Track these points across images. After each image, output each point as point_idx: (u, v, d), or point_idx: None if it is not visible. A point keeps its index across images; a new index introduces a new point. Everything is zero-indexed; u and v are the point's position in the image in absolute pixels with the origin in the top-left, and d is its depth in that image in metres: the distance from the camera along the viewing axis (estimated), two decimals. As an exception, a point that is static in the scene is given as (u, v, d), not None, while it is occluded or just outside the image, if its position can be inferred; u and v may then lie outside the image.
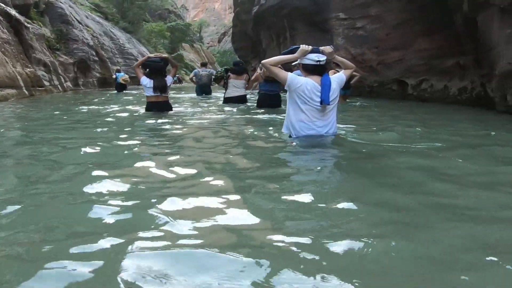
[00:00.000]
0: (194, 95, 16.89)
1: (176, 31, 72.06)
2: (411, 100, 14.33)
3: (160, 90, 7.81)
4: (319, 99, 4.03)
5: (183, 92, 21.55)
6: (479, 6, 10.76)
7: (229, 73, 10.54)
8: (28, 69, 18.90)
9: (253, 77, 10.01)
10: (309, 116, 4.12)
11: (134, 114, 8.84)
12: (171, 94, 12.66)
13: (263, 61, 4.35)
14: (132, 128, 6.73)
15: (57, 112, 9.69)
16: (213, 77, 10.98)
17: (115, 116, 8.55)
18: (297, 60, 4.36)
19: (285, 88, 4.26)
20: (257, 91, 14.22)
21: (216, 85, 12.55)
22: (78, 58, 29.12)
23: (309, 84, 4.06)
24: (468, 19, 11.48)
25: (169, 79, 8.10)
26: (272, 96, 9.25)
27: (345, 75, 4.41)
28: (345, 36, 15.73)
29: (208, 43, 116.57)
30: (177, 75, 55.57)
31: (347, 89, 10.82)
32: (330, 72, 5.08)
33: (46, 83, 21.38)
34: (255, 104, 9.84)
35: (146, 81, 7.75)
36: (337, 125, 4.54)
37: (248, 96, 11.20)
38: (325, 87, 4.06)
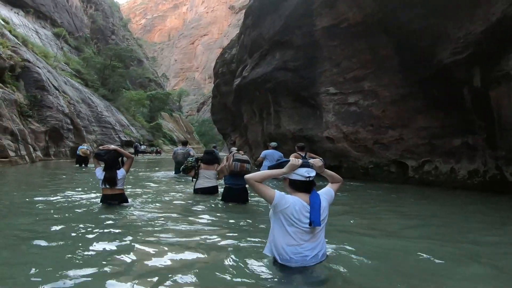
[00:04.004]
0: (169, 173, 16.18)
1: (156, 99, 71.76)
2: (413, 184, 12.74)
3: (109, 183, 7.25)
4: (307, 220, 3.58)
5: (157, 169, 19.72)
6: (494, 79, 9.45)
7: (199, 163, 9.53)
8: None
9: (218, 168, 9.10)
10: (296, 239, 3.62)
11: (90, 207, 7.51)
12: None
13: (246, 177, 3.71)
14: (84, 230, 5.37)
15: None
16: (182, 167, 9.63)
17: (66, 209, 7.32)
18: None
19: (269, 207, 3.77)
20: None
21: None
22: (51, 126, 27.54)
23: (297, 204, 3.60)
24: (478, 94, 10.17)
25: (120, 172, 7.35)
26: (237, 190, 8.22)
27: (333, 189, 3.92)
28: (336, 112, 14.24)
29: (187, 112, 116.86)
30: (155, 147, 54.30)
31: None
32: (292, 156, 4.39)
33: (12, 154, 19.51)
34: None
35: (99, 172, 7.35)
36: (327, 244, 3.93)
37: None
38: (315, 206, 3.61)
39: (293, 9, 15.21)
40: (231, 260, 4.16)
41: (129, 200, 7.77)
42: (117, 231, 5.42)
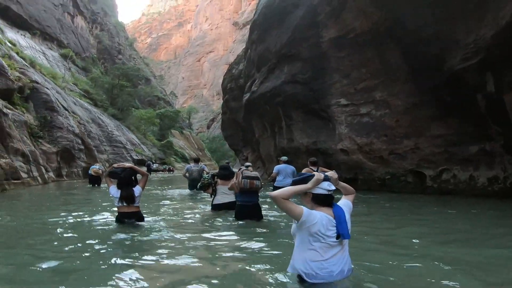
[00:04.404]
0: (184, 190, 16.23)
1: (165, 118, 72.31)
2: (432, 193, 12.64)
3: (126, 201, 7.27)
4: (334, 234, 3.57)
5: (170, 187, 19.86)
6: (508, 84, 9.45)
7: (216, 179, 9.55)
8: (3, 160, 17.28)
9: (229, 185, 8.94)
10: (322, 255, 3.58)
11: (105, 227, 7.65)
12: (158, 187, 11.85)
13: (272, 195, 3.62)
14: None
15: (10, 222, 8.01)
16: (199, 184, 9.66)
17: (82, 229, 7.34)
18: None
19: (295, 224, 3.66)
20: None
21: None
22: (62, 147, 27.80)
23: (324, 219, 3.58)
24: (493, 100, 10.14)
25: (137, 189, 7.40)
26: (250, 207, 8.19)
27: (350, 201, 3.95)
28: (348, 124, 14.28)
29: (197, 129, 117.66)
30: (167, 165, 54.70)
31: None
32: (304, 170, 4.77)
33: (24, 175, 19.65)
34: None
35: (113, 190, 7.35)
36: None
37: None
38: (341, 219, 3.62)
39: (298, 22, 15.39)
40: (253, 278, 4.17)
41: (145, 218, 7.79)
42: (133, 250, 5.49)
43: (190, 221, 8.55)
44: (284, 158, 13.40)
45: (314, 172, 3.84)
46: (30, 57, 38.93)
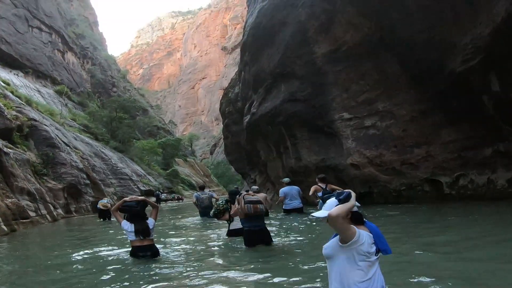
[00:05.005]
0: (195, 218, 16.28)
1: (168, 146, 72.53)
2: (451, 201, 12.43)
3: (142, 234, 7.30)
4: (374, 251, 3.54)
5: (182, 216, 19.79)
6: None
7: (229, 204, 9.47)
8: (9, 200, 17.08)
9: (232, 212, 9.03)
10: (367, 274, 3.53)
11: (120, 262, 7.64)
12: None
13: (334, 214, 3.48)
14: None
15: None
16: (213, 211, 9.60)
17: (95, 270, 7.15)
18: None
19: (339, 244, 3.56)
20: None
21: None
22: (67, 183, 27.74)
23: (366, 237, 3.56)
24: (500, 99, 10.03)
25: (151, 221, 7.47)
26: (258, 232, 8.10)
27: None
28: (355, 137, 14.16)
29: (200, 156, 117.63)
30: (175, 194, 54.66)
31: None
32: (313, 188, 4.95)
33: (32, 214, 19.42)
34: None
35: (126, 225, 7.36)
36: None
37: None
38: (379, 234, 3.63)
39: (289, 40, 15.42)
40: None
41: (161, 251, 7.77)
42: (151, 285, 5.40)
43: (206, 250, 8.52)
44: (287, 180, 13.44)
45: (348, 190, 3.80)
46: (26, 96, 39.19)
